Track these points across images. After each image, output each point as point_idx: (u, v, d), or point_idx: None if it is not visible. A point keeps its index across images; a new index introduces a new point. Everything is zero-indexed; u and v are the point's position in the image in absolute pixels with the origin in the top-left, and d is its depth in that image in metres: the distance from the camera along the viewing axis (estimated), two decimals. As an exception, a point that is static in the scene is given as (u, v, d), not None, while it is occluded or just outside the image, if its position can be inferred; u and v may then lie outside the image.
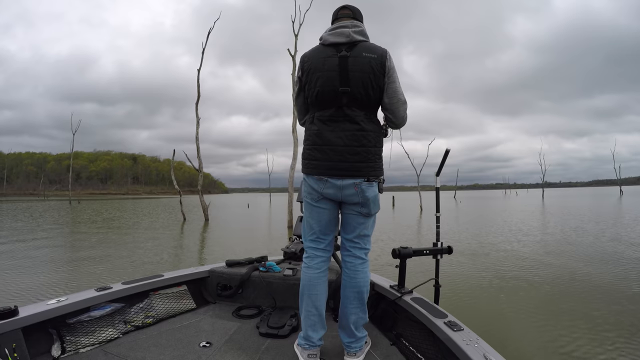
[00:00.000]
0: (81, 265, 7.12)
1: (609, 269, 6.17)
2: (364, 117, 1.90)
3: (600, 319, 3.91)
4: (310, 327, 1.95)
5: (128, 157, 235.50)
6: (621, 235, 10.19)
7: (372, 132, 1.92)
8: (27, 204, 45.62)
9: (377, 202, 2.00)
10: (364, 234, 2.02)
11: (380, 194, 2.00)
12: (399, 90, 1.91)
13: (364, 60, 1.84)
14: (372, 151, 1.92)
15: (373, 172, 1.93)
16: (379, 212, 2.05)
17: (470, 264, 6.87)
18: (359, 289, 1.97)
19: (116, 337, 2.19)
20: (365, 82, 1.85)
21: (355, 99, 1.87)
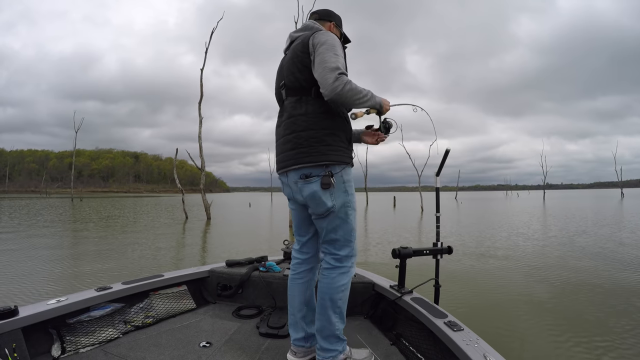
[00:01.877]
0: (86, 264, 7.13)
1: (611, 270, 6.15)
2: (294, 102, 1.85)
3: (603, 322, 3.90)
4: (291, 326, 2.00)
5: (130, 155, 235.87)
6: (622, 237, 10.16)
7: (301, 116, 1.80)
8: (29, 201, 45.69)
9: (320, 200, 1.77)
10: (330, 239, 1.86)
11: (330, 188, 1.74)
12: (327, 59, 1.71)
13: (293, 50, 1.89)
14: (303, 135, 1.78)
15: (306, 157, 1.75)
16: (353, 212, 1.86)
17: (471, 264, 6.86)
18: (321, 296, 1.84)
19: (116, 337, 2.20)
20: (291, 68, 1.85)
21: (289, 89, 1.87)
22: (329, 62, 1.69)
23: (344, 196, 1.80)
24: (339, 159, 1.79)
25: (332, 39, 1.78)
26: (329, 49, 1.73)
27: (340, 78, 1.66)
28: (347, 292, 1.87)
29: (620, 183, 65.10)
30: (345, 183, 1.81)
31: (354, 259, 1.91)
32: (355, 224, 1.90)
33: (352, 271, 1.90)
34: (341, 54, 1.77)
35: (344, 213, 1.82)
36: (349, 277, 1.87)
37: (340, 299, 1.83)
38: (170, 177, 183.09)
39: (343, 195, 1.80)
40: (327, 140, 1.76)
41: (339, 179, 1.78)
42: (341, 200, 1.79)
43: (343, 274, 1.84)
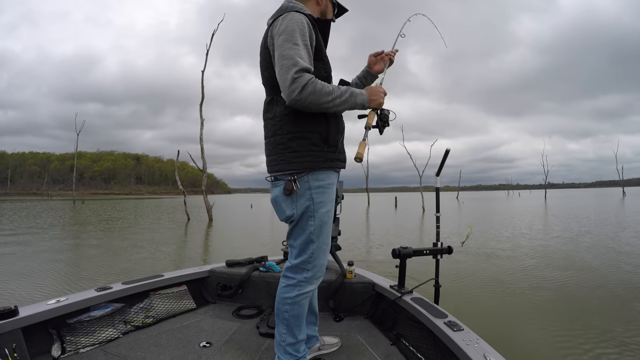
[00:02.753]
0: (90, 265, 7.14)
1: (613, 270, 6.14)
2: (267, 104, 1.72)
3: (603, 322, 3.89)
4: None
5: (131, 157, 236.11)
6: (627, 236, 10.14)
7: (270, 120, 1.67)
8: (31, 204, 45.76)
9: (280, 206, 1.66)
10: (290, 244, 1.73)
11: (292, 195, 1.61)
12: (284, 54, 1.47)
13: (261, 43, 1.70)
14: (272, 141, 1.66)
15: (275, 166, 1.65)
16: (316, 223, 1.63)
17: (471, 264, 6.85)
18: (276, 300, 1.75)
19: (116, 337, 2.20)
20: (261, 65, 1.70)
21: (265, 88, 1.74)
22: (285, 59, 1.45)
23: (306, 205, 1.61)
24: (305, 165, 1.59)
25: (293, 23, 1.50)
26: (287, 40, 1.47)
27: (298, 79, 1.41)
28: (296, 309, 1.68)
29: (621, 182, 64.98)
30: (312, 190, 1.61)
31: (307, 275, 1.68)
32: (317, 237, 1.65)
33: (302, 288, 1.67)
34: (303, 42, 1.49)
35: (305, 222, 1.63)
36: (296, 293, 1.67)
37: (286, 311, 1.68)
38: (172, 178, 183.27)
39: (306, 202, 1.61)
40: (292, 146, 1.59)
41: (304, 185, 1.60)
42: (302, 209, 1.62)
43: (290, 287, 1.69)
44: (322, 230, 1.65)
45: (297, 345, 1.71)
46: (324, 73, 1.66)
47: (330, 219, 1.68)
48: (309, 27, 1.55)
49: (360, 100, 1.56)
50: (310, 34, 1.55)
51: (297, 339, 1.71)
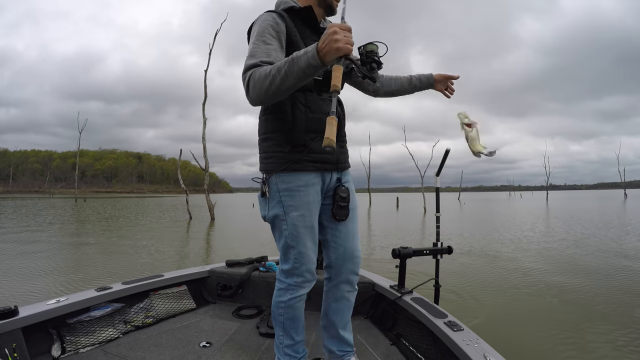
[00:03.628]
0: (95, 264, 7.15)
1: (618, 274, 6.12)
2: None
3: (604, 324, 3.89)
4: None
5: (133, 155, 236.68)
6: (633, 240, 10.12)
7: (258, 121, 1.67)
8: (37, 201, 45.87)
9: (260, 207, 1.66)
10: (277, 247, 1.69)
11: (265, 197, 1.60)
12: (248, 54, 1.41)
13: None
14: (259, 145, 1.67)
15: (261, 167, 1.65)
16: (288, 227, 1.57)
17: (472, 265, 6.85)
18: None
19: (116, 337, 2.20)
20: None
21: None
22: (247, 57, 1.39)
23: (277, 208, 1.57)
24: (269, 167, 1.56)
25: (260, 21, 1.47)
26: (252, 40, 1.43)
27: (244, 81, 1.34)
28: (290, 312, 1.64)
29: (623, 184, 64.89)
30: (281, 192, 1.55)
31: (292, 281, 1.62)
32: (296, 243, 1.58)
33: (294, 292, 1.62)
34: (262, 39, 1.40)
35: (279, 225, 1.59)
36: (288, 297, 1.62)
37: (280, 314, 1.66)
38: (174, 177, 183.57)
39: (277, 206, 1.57)
40: (262, 147, 1.62)
41: (273, 187, 1.56)
42: (274, 212, 1.58)
43: (282, 290, 1.66)
44: (298, 236, 1.57)
45: (295, 347, 1.71)
46: (281, 102, 1.54)
47: (308, 224, 1.58)
48: (275, 23, 1.45)
49: (305, 60, 1.18)
50: (278, 29, 1.45)
51: (295, 340, 1.71)
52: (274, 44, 1.40)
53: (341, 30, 1.14)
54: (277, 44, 1.42)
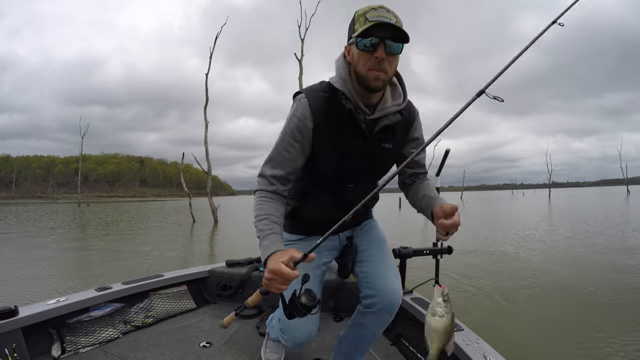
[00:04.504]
0: (105, 266, 7.18)
1: (614, 274, 6.10)
2: None
3: (605, 326, 3.87)
4: None
5: (135, 159, 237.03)
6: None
7: None
8: (40, 207, 46.00)
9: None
10: None
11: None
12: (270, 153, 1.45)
13: None
14: None
15: None
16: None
17: (473, 264, 6.84)
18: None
19: (116, 337, 2.20)
20: None
21: None
22: None
23: None
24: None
25: (291, 114, 1.36)
26: (279, 136, 1.39)
27: (257, 181, 1.39)
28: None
29: (626, 180, 64.78)
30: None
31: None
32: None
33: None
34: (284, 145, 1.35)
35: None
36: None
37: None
38: (176, 181, 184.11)
39: None
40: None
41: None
42: None
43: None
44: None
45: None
46: (300, 186, 1.51)
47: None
48: (302, 124, 1.32)
49: (262, 255, 1.24)
50: (303, 130, 1.32)
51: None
52: (293, 152, 1.34)
53: (276, 278, 1.13)
54: (298, 151, 1.35)
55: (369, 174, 1.49)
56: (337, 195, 1.46)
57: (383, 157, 1.44)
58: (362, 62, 1.22)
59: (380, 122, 1.35)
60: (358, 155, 1.39)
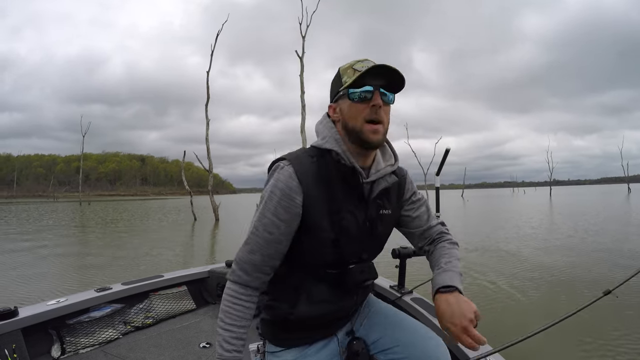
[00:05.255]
0: (113, 263, 7.19)
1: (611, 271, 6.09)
2: None
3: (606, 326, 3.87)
4: None
5: (136, 158, 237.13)
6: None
7: None
8: (34, 206, 46.06)
9: None
10: None
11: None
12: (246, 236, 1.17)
13: None
14: None
15: None
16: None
17: (474, 263, 6.83)
18: None
19: (116, 338, 2.21)
20: None
21: None
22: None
23: None
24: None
25: (271, 185, 1.09)
26: (256, 215, 1.13)
27: (231, 270, 1.13)
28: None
29: (627, 178, 64.66)
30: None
31: None
32: None
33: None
34: (264, 222, 1.08)
35: None
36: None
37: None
38: (177, 179, 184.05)
39: None
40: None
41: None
42: None
43: None
44: None
45: None
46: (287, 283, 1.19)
47: None
48: (287, 197, 1.05)
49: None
50: (288, 206, 1.06)
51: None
52: (276, 233, 1.07)
53: None
54: (282, 232, 1.07)
55: (372, 249, 1.22)
56: (338, 282, 1.16)
57: (383, 226, 1.21)
58: (355, 115, 1.06)
59: (378, 185, 1.15)
60: (360, 227, 1.14)
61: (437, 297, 1.05)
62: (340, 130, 1.12)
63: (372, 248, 1.22)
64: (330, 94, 1.16)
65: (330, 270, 1.15)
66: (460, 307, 0.98)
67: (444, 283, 1.07)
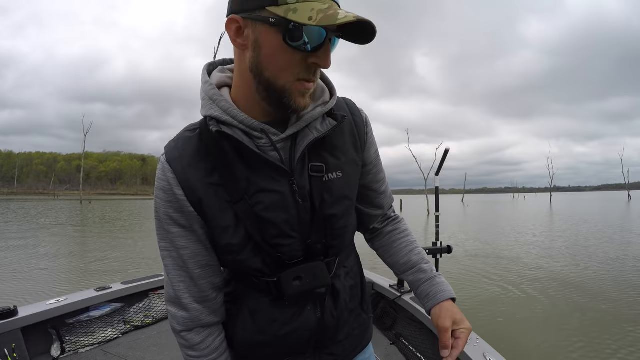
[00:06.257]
0: (113, 263, 7.19)
1: (608, 274, 6.08)
2: None
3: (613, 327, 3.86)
4: None
5: (137, 158, 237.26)
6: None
7: None
8: (33, 204, 46.08)
9: None
10: None
11: None
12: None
13: None
14: None
15: None
16: None
17: (473, 265, 6.83)
18: None
19: (116, 337, 2.20)
20: None
21: None
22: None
23: None
24: None
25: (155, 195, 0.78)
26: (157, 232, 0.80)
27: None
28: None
29: (627, 185, 64.70)
30: None
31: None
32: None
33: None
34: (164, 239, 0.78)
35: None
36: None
37: None
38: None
39: None
40: None
41: None
42: None
43: None
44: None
45: None
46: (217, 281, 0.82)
47: None
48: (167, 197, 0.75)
49: None
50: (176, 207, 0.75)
51: None
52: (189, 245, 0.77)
53: None
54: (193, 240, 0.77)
55: (323, 237, 0.79)
56: (279, 291, 0.77)
57: (334, 198, 0.78)
58: (285, 66, 0.66)
59: (303, 138, 0.74)
60: (289, 208, 0.74)
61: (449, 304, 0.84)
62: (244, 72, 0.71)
63: (324, 235, 0.78)
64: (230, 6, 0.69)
65: (265, 277, 0.77)
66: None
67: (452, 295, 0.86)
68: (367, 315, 0.94)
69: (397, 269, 0.96)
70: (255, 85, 0.69)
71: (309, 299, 0.79)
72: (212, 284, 0.79)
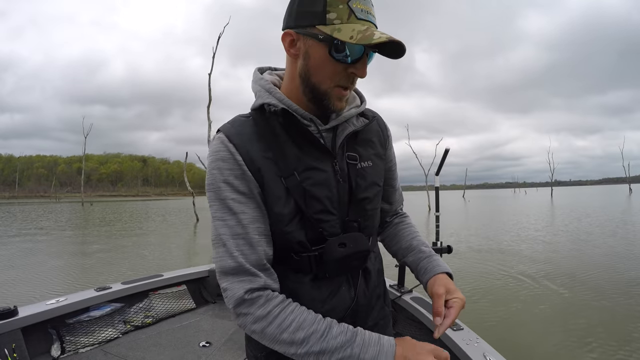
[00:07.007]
0: (113, 263, 7.19)
1: (611, 270, 6.08)
2: None
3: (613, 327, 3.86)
4: None
5: (138, 159, 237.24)
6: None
7: None
8: (33, 207, 46.14)
9: None
10: None
11: None
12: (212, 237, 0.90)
13: None
14: None
15: None
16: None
17: (473, 265, 6.82)
18: None
19: (116, 337, 2.21)
20: None
21: None
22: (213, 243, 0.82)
23: None
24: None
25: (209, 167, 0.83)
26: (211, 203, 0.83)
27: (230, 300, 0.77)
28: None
29: (628, 178, 64.61)
30: None
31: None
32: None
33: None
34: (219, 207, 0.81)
35: None
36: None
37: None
38: (179, 180, 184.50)
39: None
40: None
41: None
42: None
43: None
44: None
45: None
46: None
47: None
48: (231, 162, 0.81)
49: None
50: (239, 173, 0.80)
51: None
52: (249, 212, 0.81)
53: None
54: (252, 207, 0.81)
55: (357, 214, 0.89)
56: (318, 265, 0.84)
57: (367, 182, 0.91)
58: (328, 74, 0.79)
59: (343, 130, 0.88)
60: (331, 185, 0.84)
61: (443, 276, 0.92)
62: (294, 76, 0.84)
63: (357, 212, 0.88)
64: (291, 14, 0.80)
65: (306, 252, 0.83)
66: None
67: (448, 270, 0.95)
68: (389, 309, 1.03)
69: (400, 254, 1.07)
70: (303, 88, 0.83)
71: (348, 270, 0.88)
72: (267, 254, 0.82)
